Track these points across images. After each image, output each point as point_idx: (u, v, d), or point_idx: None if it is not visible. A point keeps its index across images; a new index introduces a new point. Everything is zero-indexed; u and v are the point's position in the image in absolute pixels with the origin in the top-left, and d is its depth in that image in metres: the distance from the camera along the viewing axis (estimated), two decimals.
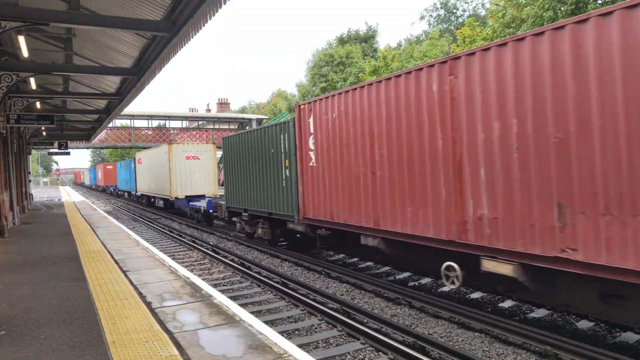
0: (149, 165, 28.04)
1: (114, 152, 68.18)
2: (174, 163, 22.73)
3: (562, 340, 5.90)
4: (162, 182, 24.55)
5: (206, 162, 23.50)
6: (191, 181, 22.93)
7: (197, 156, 23.12)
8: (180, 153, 22.90)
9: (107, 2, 8.67)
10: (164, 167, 23.76)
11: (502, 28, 19.48)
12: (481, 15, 40.53)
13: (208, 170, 23.60)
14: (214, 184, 23.18)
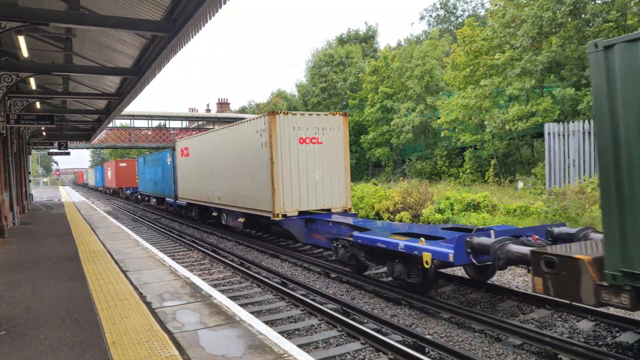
0: (214, 156, 17.19)
1: (114, 152, 67.62)
2: (281, 150, 12.43)
3: (562, 340, 5.90)
4: (248, 186, 14.03)
5: (333, 147, 13.22)
6: (308, 184, 12.89)
7: (316, 138, 13.01)
8: (289, 132, 12.61)
9: (107, 2, 8.68)
10: (256, 160, 13.31)
11: (502, 28, 19.48)
12: (481, 15, 40.52)
13: (336, 163, 13.29)
14: (344, 189, 13.45)
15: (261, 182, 13.00)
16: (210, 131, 18.42)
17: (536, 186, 16.27)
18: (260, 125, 12.91)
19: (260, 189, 13.13)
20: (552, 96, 17.51)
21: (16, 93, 14.48)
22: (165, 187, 25.28)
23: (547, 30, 17.98)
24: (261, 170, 12.95)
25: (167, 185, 24.67)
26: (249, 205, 14.12)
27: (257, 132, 13.09)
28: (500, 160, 20.40)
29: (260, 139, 12.85)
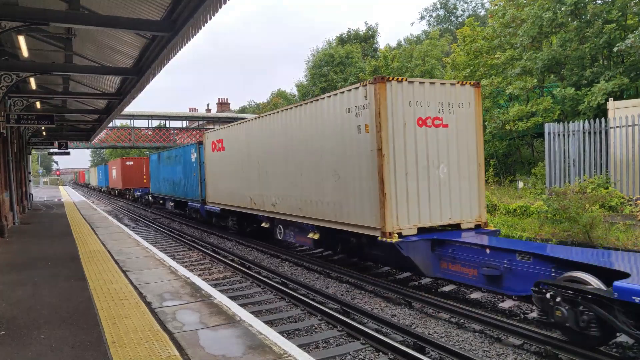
0: (267, 149, 13.05)
1: (114, 152, 67.42)
2: (393, 137, 8.66)
3: (562, 340, 5.90)
4: (328, 189, 10.18)
5: (462, 133, 9.41)
6: (430, 188, 9.05)
7: (440, 119, 9.15)
8: (403, 109, 8.79)
9: (107, 2, 8.67)
10: (347, 151, 9.48)
11: (502, 28, 19.50)
12: (481, 15, 40.53)
13: (466, 155, 9.48)
14: (477, 193, 9.60)
15: (356, 183, 9.11)
16: (262, 117, 13.36)
17: (536, 186, 16.27)
18: (357, 99, 8.85)
19: (352, 194, 9.22)
20: (552, 96, 17.50)
21: (16, 93, 14.48)
22: (187, 188, 20.76)
23: (548, 30, 17.98)
24: (356, 167, 9.07)
25: (190, 186, 20.30)
26: (329, 217, 9.99)
27: (348, 111, 9.11)
28: (501, 160, 20.40)
29: (356, 120, 8.91)
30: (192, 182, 20.00)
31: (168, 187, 24.44)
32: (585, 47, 16.41)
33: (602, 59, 17.33)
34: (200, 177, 18.73)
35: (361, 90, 8.79)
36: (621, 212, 12.30)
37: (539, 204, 13.36)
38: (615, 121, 13.29)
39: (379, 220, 8.45)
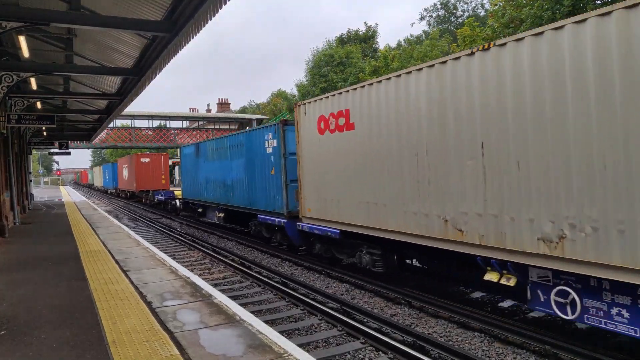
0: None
1: (115, 152, 67.29)
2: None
3: (562, 340, 5.91)
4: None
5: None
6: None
7: None
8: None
9: (107, 2, 8.69)
10: None
11: (502, 28, 19.53)
12: (481, 15, 40.54)
13: None
14: None
15: None
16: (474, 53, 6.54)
17: None
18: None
19: None
20: None
21: (17, 93, 14.50)
22: (256, 194, 14.17)
23: None
24: None
25: (263, 190, 13.72)
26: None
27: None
28: None
29: None
30: (268, 183, 13.30)
31: (214, 191, 17.62)
32: None
33: None
34: (285, 176, 12.34)
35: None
36: None
37: None
38: None
39: None
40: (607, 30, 4.98)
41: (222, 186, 16.87)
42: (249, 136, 14.79)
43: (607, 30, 4.99)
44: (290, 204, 12.19)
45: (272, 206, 13.02)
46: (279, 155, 12.54)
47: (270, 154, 13.05)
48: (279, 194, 12.57)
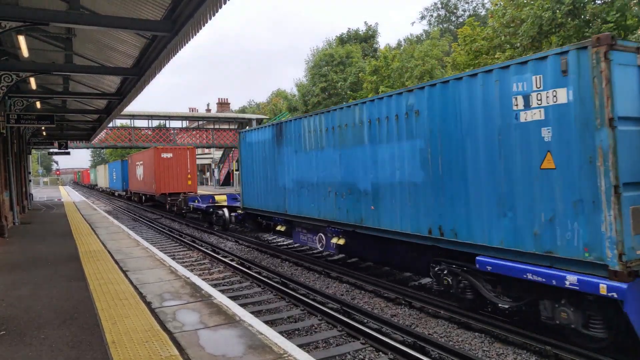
0: None
1: (114, 152, 67.14)
2: None
3: (562, 341, 5.90)
4: None
5: None
6: None
7: None
8: None
9: (107, 2, 8.68)
10: None
11: (502, 28, 19.51)
12: (481, 15, 40.53)
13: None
14: None
15: None
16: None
17: None
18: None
19: None
20: None
21: (16, 93, 14.48)
22: (484, 209, 6.54)
23: (547, 30, 17.98)
24: None
25: (509, 205, 6.17)
26: None
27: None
28: None
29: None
30: (519, 189, 6.04)
31: (322, 201, 10.77)
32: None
33: None
34: (615, 172, 5.03)
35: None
36: None
37: None
38: None
39: None
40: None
41: (347, 192, 9.85)
42: (444, 91, 7.20)
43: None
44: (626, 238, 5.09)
45: (550, 241, 5.69)
46: (580, 124, 5.32)
47: (533, 125, 5.80)
48: (586, 211, 5.33)
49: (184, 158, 25.58)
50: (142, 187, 29.59)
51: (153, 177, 25.70)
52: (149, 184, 27.00)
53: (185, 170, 25.43)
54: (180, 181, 25.34)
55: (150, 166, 26.45)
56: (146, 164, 27.95)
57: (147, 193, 28.84)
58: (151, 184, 26.35)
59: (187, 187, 25.18)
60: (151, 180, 26.29)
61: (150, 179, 26.66)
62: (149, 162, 26.73)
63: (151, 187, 26.46)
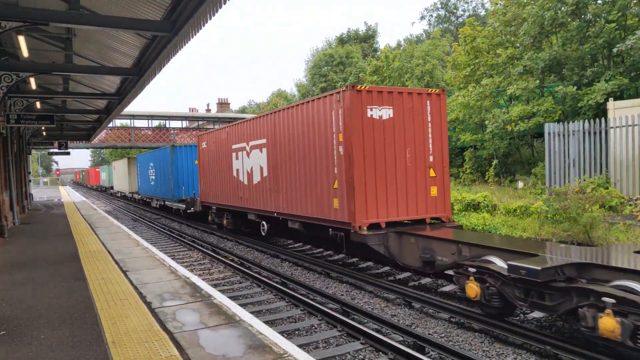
0: None
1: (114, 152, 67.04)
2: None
3: (562, 341, 5.90)
4: None
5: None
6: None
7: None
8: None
9: (107, 2, 8.68)
10: None
11: (503, 27, 19.52)
12: (481, 15, 40.55)
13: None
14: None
15: None
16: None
17: (536, 186, 16.26)
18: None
19: None
20: (553, 96, 17.51)
21: (16, 93, 14.49)
22: None
23: (548, 29, 17.99)
24: None
25: None
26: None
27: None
28: (501, 160, 20.40)
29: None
30: None
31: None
32: (585, 47, 16.41)
33: (602, 59, 17.34)
34: None
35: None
36: (621, 212, 12.29)
37: (539, 204, 13.35)
38: (615, 121, 13.28)
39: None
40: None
41: None
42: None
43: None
44: None
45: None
46: None
47: None
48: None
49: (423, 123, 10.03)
50: (266, 200, 13.07)
51: (333, 175, 9.85)
52: (309, 196, 10.87)
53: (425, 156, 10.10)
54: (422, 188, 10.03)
55: (322, 148, 10.19)
56: (273, 139, 12.38)
57: (291, 216, 11.85)
58: (319, 197, 10.43)
59: (433, 203, 10.09)
60: (321, 184, 10.36)
61: (311, 183, 10.73)
62: (318, 134, 10.31)
63: (320, 205, 10.42)
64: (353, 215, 9.25)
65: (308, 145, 10.73)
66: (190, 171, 22.04)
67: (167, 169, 23.14)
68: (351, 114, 9.09)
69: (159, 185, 25.43)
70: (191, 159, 21.99)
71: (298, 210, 11.39)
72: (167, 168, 23.23)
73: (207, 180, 17.97)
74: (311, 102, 10.51)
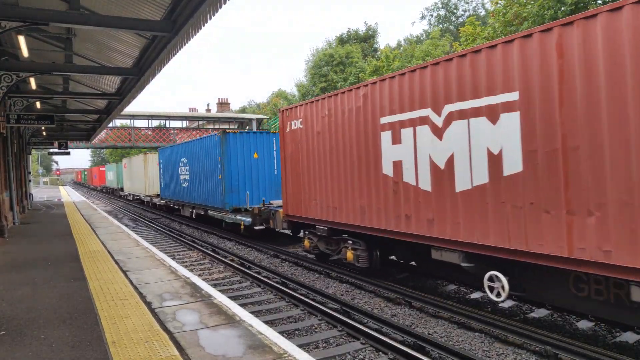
0: None
1: (114, 152, 66.89)
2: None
3: (562, 340, 5.90)
4: None
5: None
6: None
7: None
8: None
9: (107, 2, 8.67)
10: None
11: (503, 27, 19.52)
12: (481, 15, 40.55)
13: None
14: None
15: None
16: None
17: None
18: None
19: None
20: None
21: (16, 93, 14.48)
22: None
23: None
24: None
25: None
26: None
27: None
28: None
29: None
30: None
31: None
32: None
33: None
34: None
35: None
36: None
37: None
38: None
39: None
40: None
41: None
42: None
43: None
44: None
45: None
46: None
47: None
48: None
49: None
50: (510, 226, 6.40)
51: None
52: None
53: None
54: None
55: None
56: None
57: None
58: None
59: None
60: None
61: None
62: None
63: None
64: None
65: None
66: (249, 168, 16.06)
67: (213, 165, 16.72)
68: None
69: (196, 188, 18.92)
70: (249, 151, 16.06)
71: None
72: (212, 164, 16.94)
73: (304, 183, 10.78)
74: None
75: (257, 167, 16.09)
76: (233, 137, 15.96)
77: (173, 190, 22.47)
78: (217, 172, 16.24)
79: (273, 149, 16.15)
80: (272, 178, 16.09)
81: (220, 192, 16.08)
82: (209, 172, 17.34)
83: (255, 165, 16.06)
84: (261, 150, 16.24)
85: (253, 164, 16.04)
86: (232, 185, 15.82)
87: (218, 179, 16.20)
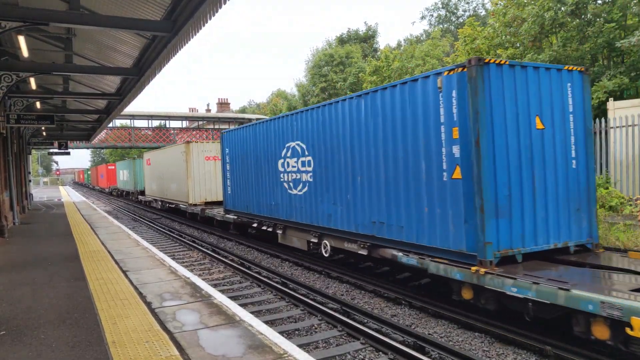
0: None
1: (114, 152, 66.80)
2: None
3: (563, 341, 5.90)
4: None
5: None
6: None
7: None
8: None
9: (107, 2, 8.67)
10: None
11: (503, 27, 19.51)
12: (481, 15, 40.55)
13: None
14: None
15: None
16: None
17: None
18: None
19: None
20: None
21: (16, 93, 14.47)
22: None
23: (548, 29, 17.98)
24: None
25: None
26: None
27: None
28: None
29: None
30: None
31: None
32: (586, 47, 16.41)
33: (602, 59, 17.34)
34: None
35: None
36: (621, 212, 12.27)
37: None
38: (615, 121, 13.28)
39: None
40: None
41: None
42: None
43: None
44: None
45: None
46: None
47: None
48: None
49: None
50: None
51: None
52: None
53: None
54: None
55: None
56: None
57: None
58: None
59: None
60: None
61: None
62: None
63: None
64: None
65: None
66: (527, 153, 6.85)
67: (424, 148, 7.33)
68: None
69: (330, 198, 10.08)
70: (526, 114, 6.85)
71: None
72: (418, 145, 7.45)
73: None
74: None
75: (543, 148, 7.04)
76: (497, 73, 6.63)
77: (257, 200, 13.73)
78: (439, 163, 7.11)
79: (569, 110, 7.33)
80: (570, 178, 7.33)
81: (459, 214, 6.80)
82: (402, 164, 7.87)
83: (539, 144, 7.02)
84: (547, 113, 7.09)
85: (535, 141, 6.98)
86: (498, 198, 6.58)
87: (442, 181, 7.10)
